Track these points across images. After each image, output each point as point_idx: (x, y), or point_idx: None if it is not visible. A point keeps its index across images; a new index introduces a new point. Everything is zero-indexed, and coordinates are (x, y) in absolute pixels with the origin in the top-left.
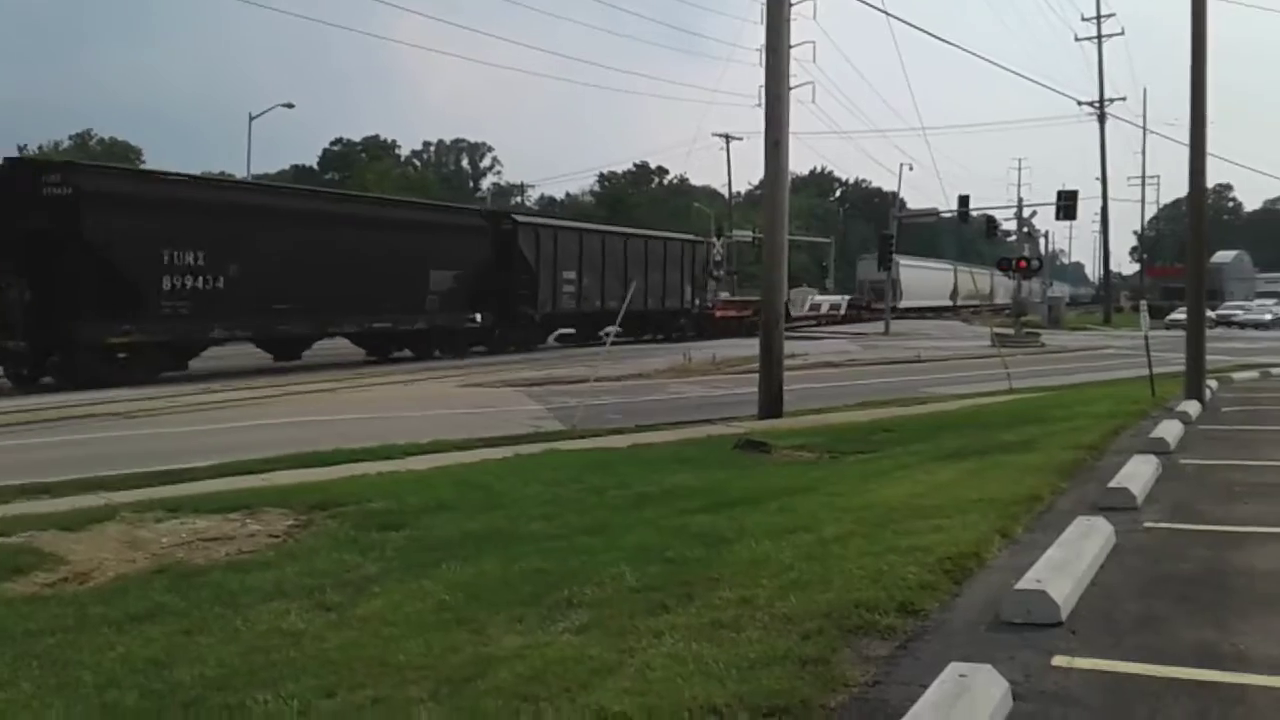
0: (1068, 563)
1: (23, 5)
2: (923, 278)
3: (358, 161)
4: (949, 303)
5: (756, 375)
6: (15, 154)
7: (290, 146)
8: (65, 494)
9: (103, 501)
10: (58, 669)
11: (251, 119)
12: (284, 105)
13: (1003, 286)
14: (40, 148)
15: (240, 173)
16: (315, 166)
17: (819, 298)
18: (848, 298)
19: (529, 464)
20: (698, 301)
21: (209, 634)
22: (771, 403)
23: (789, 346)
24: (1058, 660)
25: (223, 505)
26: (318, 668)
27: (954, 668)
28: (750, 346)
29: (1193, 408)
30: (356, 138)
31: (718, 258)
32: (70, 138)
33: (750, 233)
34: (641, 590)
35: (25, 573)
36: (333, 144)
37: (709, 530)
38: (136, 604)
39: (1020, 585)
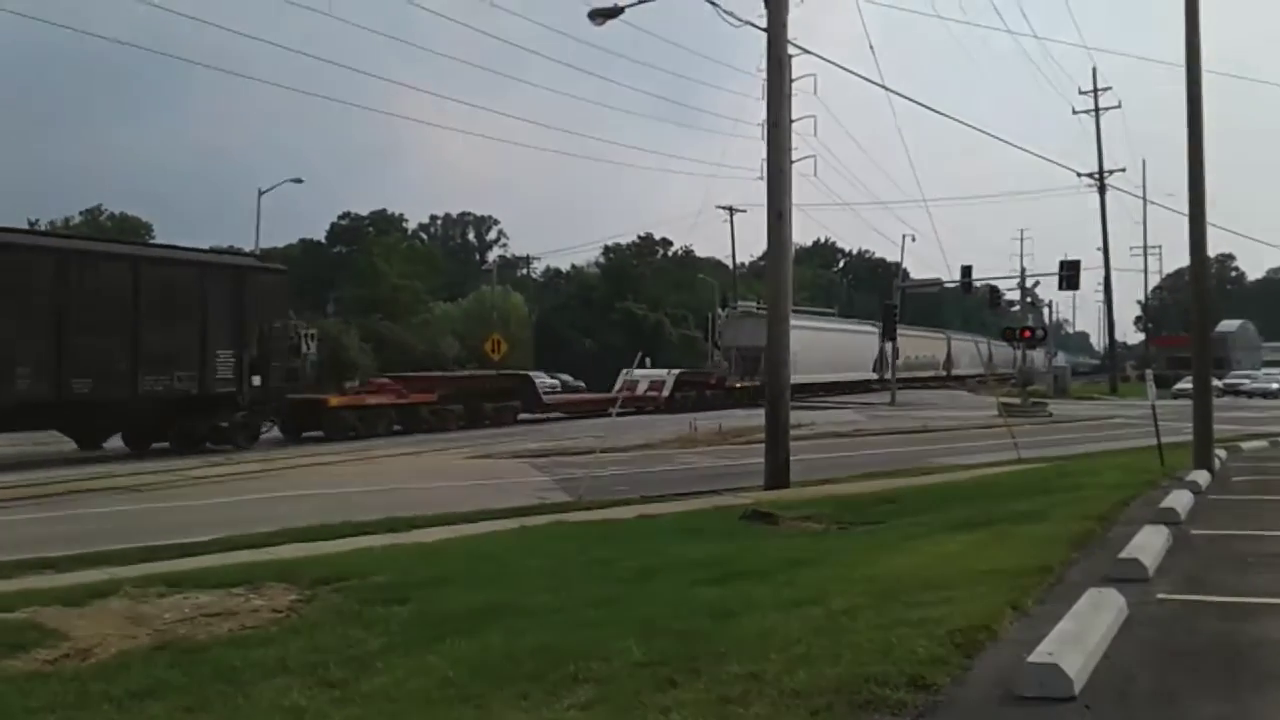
0: (1080, 635)
1: (32, 79)
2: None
3: (365, 235)
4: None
5: (763, 445)
6: (26, 227)
7: (299, 221)
8: (68, 569)
9: (106, 576)
10: None
11: (261, 194)
12: (292, 180)
13: (1001, 356)
14: (52, 223)
15: (249, 246)
16: (323, 240)
17: (637, 373)
18: (676, 373)
19: (535, 536)
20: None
21: (211, 711)
22: (778, 473)
23: (795, 416)
24: None
25: (226, 580)
26: None
27: None
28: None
29: (1202, 477)
30: (364, 211)
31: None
32: (81, 213)
33: (755, 304)
34: (648, 665)
35: (27, 649)
36: (340, 218)
37: (716, 603)
38: (138, 680)
39: (1032, 658)
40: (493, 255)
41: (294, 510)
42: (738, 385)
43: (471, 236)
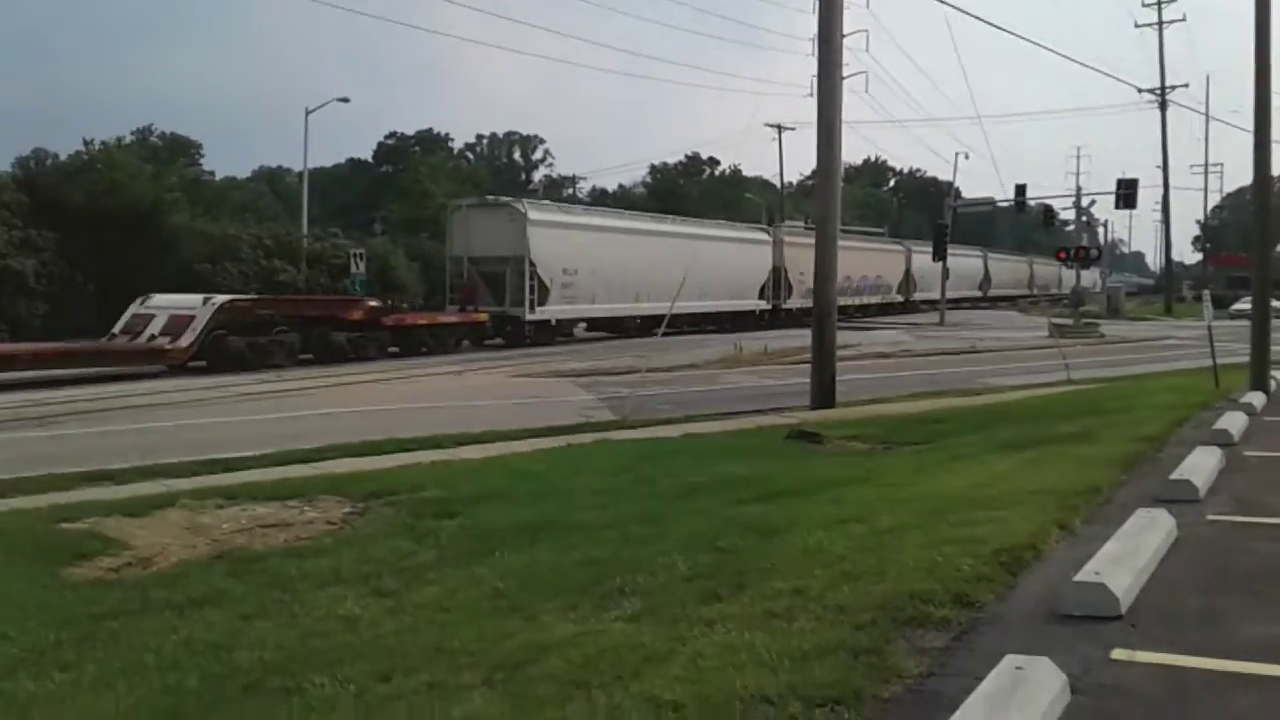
0: (1127, 555)
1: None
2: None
3: (412, 155)
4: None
5: (808, 366)
6: (81, 149)
7: (346, 141)
8: (127, 481)
9: (163, 488)
10: (121, 651)
11: (308, 114)
12: (340, 100)
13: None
14: (103, 144)
15: (297, 166)
16: (370, 160)
17: (157, 301)
18: (219, 301)
19: (581, 453)
20: None
21: (268, 619)
22: (823, 393)
23: (841, 337)
24: (1117, 653)
25: (280, 493)
26: (373, 653)
27: (1010, 660)
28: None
29: (1258, 399)
30: (410, 131)
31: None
32: (132, 133)
33: (803, 223)
34: (694, 579)
35: (90, 558)
36: (387, 138)
37: (761, 520)
38: (198, 589)
39: (1079, 578)
40: (538, 175)
41: (340, 426)
42: (453, 320)
43: (517, 156)
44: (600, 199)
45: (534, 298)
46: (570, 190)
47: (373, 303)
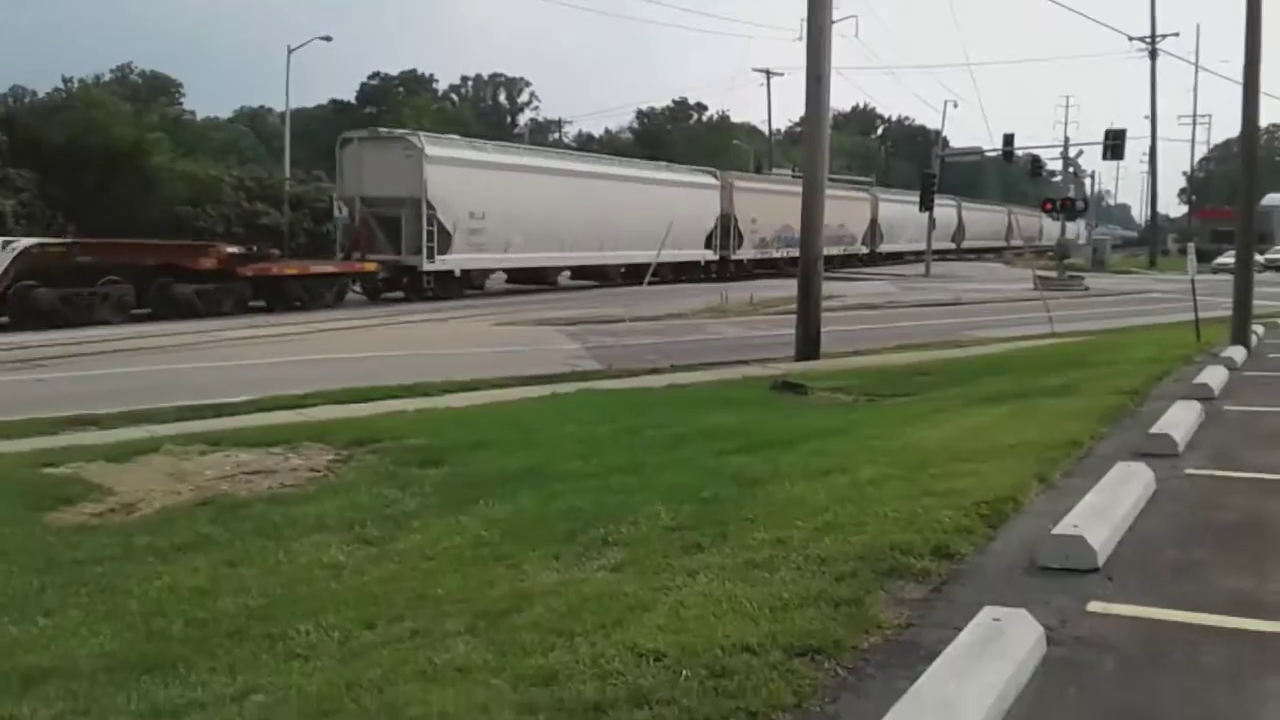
0: (1106, 508)
1: None
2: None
3: (395, 96)
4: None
5: (794, 317)
6: (60, 86)
7: (329, 81)
8: (111, 426)
9: (147, 434)
10: (105, 597)
11: (290, 52)
12: (321, 38)
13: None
14: (82, 81)
15: (279, 107)
16: (353, 101)
17: None
18: (21, 247)
19: (566, 403)
20: None
21: (252, 565)
22: (809, 344)
23: (827, 288)
24: (1094, 606)
25: (264, 439)
26: (358, 600)
27: (988, 611)
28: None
29: (1238, 353)
30: (394, 72)
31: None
32: (111, 71)
33: (790, 171)
34: (676, 529)
35: (73, 503)
36: (370, 78)
37: (744, 471)
38: (182, 535)
39: (1057, 530)
40: (524, 118)
41: (324, 373)
42: (330, 269)
43: (503, 99)
44: (586, 144)
45: (433, 245)
46: (556, 134)
47: (230, 249)
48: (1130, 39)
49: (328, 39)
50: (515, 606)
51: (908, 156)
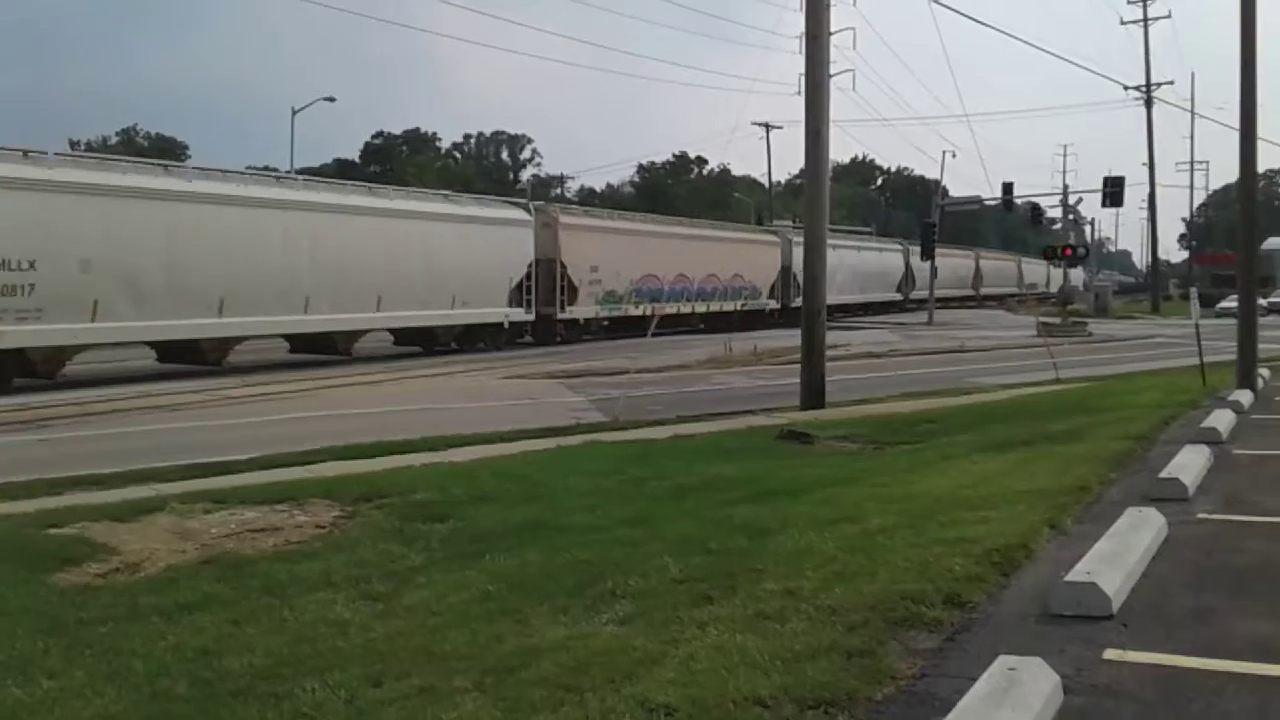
0: (1118, 554)
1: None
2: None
3: (399, 155)
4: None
5: (798, 366)
6: (67, 149)
7: (333, 140)
8: (117, 485)
9: (153, 493)
10: (110, 658)
11: (294, 113)
12: (326, 99)
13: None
14: (89, 143)
15: (284, 166)
16: (357, 160)
17: None
18: None
19: (571, 455)
20: None
21: (257, 624)
22: (813, 393)
23: (830, 337)
24: (1109, 654)
25: (269, 496)
26: (364, 657)
27: (1003, 660)
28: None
29: (1245, 397)
30: (398, 130)
31: None
32: (117, 133)
33: (791, 222)
34: (685, 581)
35: (78, 563)
36: (374, 137)
37: (752, 521)
38: (186, 594)
39: (1070, 577)
40: (526, 174)
41: (333, 429)
42: None
43: (505, 155)
44: (588, 198)
45: None
46: (558, 190)
47: None
48: (1126, 88)
49: (331, 100)
50: (523, 662)
51: (908, 206)
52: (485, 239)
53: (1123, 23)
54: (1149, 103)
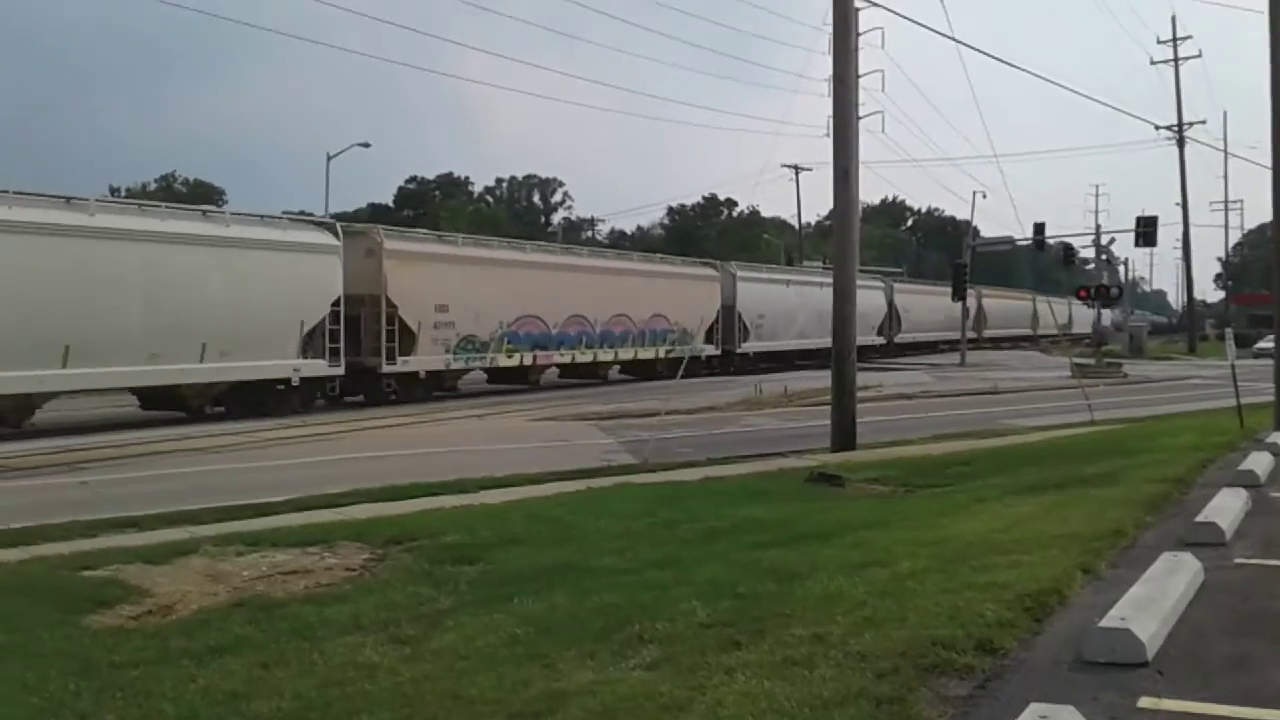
0: (1153, 600)
1: (101, 48)
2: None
3: (432, 199)
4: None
5: (828, 407)
6: (108, 195)
7: (367, 185)
8: (151, 527)
9: (187, 535)
10: (140, 700)
11: (329, 159)
12: (360, 145)
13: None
14: (128, 190)
15: (319, 211)
16: (391, 205)
17: None
18: None
19: (601, 498)
20: None
21: (287, 667)
22: (844, 435)
23: (862, 378)
24: (1144, 702)
25: (301, 539)
26: (392, 700)
27: (1035, 709)
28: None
29: None
30: (431, 175)
31: None
32: (156, 180)
33: (820, 263)
34: (713, 626)
35: (111, 605)
36: (408, 182)
37: (781, 565)
38: (217, 637)
39: (1104, 623)
40: (558, 218)
41: (363, 471)
42: None
43: (537, 199)
44: (618, 241)
45: None
46: (589, 232)
47: None
48: (1157, 128)
49: (366, 145)
50: (550, 707)
51: (939, 247)
52: (258, 269)
53: (1153, 62)
54: (1181, 142)
